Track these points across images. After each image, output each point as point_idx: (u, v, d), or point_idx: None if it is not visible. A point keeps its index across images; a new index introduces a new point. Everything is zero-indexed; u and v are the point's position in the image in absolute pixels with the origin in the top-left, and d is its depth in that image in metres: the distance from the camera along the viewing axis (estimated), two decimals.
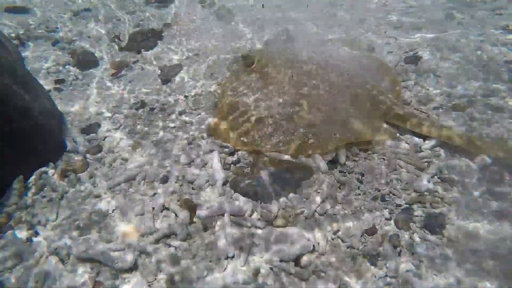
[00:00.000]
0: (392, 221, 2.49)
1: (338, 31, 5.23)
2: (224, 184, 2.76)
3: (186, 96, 3.83)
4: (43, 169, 2.88)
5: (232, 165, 2.92)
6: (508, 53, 4.06)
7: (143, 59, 4.69)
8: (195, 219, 2.54)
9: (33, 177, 2.81)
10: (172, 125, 3.45)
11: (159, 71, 4.35)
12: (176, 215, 2.56)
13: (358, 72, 3.45)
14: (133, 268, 2.28)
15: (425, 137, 3.04)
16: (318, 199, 2.60)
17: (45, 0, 6.15)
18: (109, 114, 3.66)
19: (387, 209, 2.55)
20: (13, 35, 4.86)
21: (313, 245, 2.32)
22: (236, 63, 4.07)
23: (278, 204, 2.57)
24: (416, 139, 3.05)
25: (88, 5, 6.07)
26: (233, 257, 2.31)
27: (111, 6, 6.08)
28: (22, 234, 2.49)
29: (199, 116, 3.52)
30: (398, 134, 3.12)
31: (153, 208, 2.64)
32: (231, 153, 3.02)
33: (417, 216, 2.49)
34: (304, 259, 2.28)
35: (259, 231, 2.44)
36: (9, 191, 2.68)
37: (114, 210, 2.65)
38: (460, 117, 3.28)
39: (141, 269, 2.27)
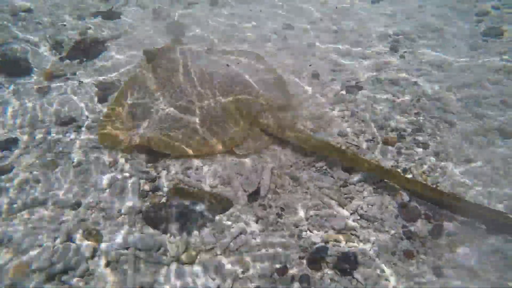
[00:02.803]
0: (305, 260, 2.43)
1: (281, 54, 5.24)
2: (137, 213, 2.61)
3: None
4: None
5: (150, 192, 2.77)
6: None
7: (83, 70, 4.41)
8: (98, 253, 2.36)
9: None
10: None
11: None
12: (77, 247, 2.37)
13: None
14: None
15: (351, 171, 3.05)
16: (231, 233, 2.50)
17: None
18: (29, 129, 3.40)
19: (302, 247, 2.50)
20: None
21: (218, 286, 2.22)
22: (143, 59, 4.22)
23: (187, 239, 2.44)
24: (342, 173, 3.05)
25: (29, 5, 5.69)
26: None
27: (56, 10, 5.75)
28: None
29: None
30: (326, 167, 3.11)
31: (55, 238, 2.43)
32: (152, 180, 2.87)
33: (330, 255, 2.45)
34: None
35: (164, 268, 2.30)
36: None
37: (9, 240, 2.42)
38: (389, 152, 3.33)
39: None
